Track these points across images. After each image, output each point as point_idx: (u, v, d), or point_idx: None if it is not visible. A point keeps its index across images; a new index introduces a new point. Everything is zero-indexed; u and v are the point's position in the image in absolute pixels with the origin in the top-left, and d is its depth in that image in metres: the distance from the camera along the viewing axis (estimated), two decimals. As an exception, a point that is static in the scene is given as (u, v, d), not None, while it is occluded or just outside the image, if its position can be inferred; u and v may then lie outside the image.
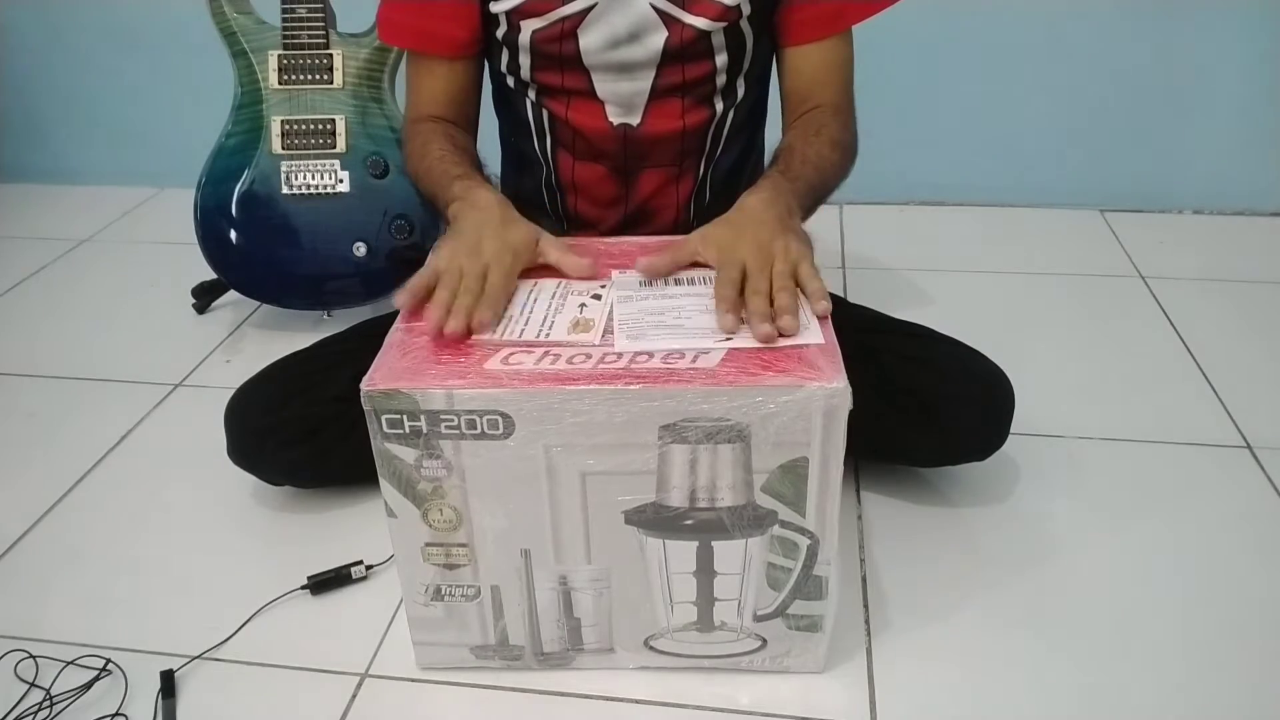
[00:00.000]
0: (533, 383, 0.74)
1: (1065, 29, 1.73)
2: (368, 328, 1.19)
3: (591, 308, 0.84)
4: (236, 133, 1.43)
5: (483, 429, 0.75)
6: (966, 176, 1.87)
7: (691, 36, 0.99)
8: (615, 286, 0.87)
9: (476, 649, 0.88)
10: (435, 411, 0.74)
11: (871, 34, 1.08)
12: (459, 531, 0.81)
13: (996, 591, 0.99)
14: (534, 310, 0.84)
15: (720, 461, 0.76)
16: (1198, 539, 1.05)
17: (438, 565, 0.83)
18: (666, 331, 0.79)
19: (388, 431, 0.76)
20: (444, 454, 0.76)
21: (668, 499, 0.78)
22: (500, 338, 0.80)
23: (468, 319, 0.80)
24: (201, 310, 1.58)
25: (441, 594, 0.85)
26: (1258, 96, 1.74)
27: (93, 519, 1.13)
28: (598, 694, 0.88)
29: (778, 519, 0.79)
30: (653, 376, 0.74)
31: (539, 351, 0.77)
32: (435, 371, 0.75)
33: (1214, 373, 1.34)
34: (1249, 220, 1.81)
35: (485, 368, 0.76)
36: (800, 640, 0.87)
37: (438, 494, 0.79)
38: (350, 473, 1.12)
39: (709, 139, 1.07)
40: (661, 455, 0.76)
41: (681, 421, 0.74)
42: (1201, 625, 0.95)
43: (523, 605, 0.85)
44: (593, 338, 0.79)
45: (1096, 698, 0.87)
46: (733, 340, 0.77)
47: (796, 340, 0.77)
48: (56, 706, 0.88)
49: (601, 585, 0.84)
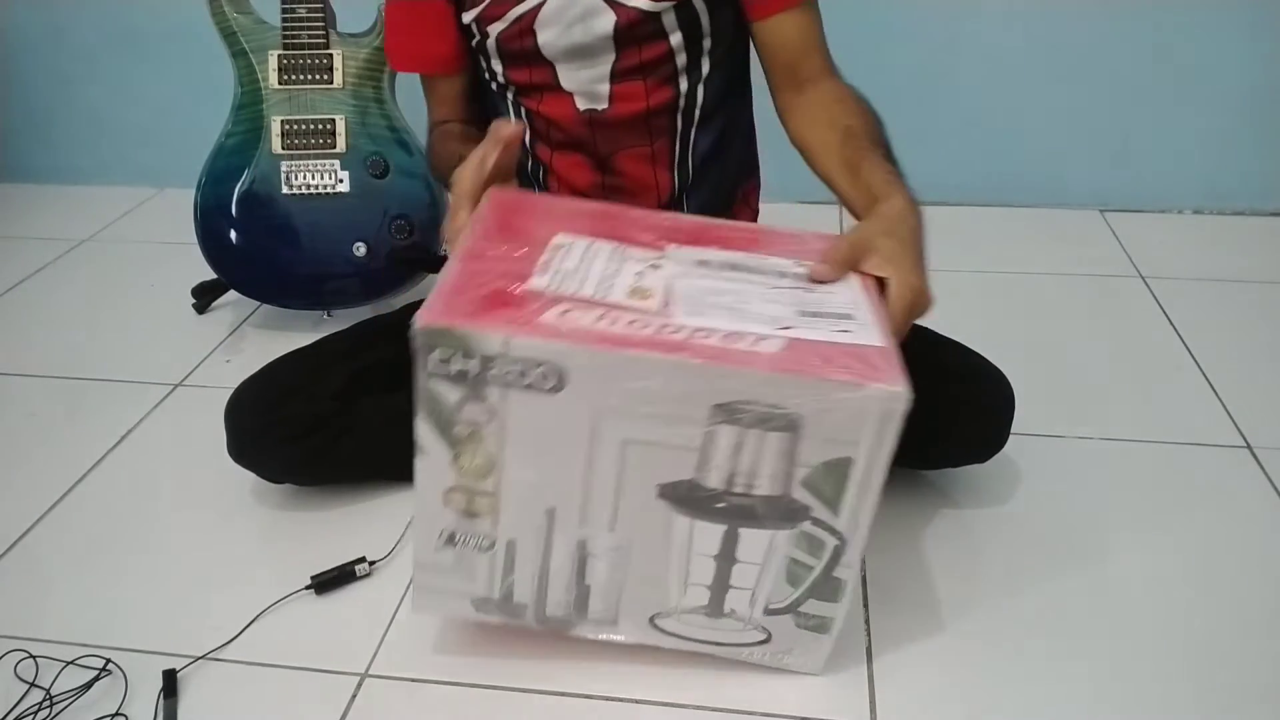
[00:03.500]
0: (592, 341, 0.71)
1: (1065, 29, 1.73)
2: (368, 327, 1.20)
3: (649, 276, 0.81)
4: (236, 133, 1.43)
5: (534, 381, 0.72)
6: (966, 176, 1.87)
7: (637, 18, 1.00)
8: (671, 260, 0.84)
9: (478, 601, 0.86)
10: (489, 356, 0.72)
11: (872, 34, 1.08)
12: (487, 480, 0.78)
13: (997, 592, 0.99)
14: (591, 269, 0.81)
15: (766, 449, 0.75)
16: (1198, 539, 1.05)
17: (457, 511, 0.80)
18: (726, 312, 0.77)
19: (435, 369, 0.73)
20: (489, 400, 0.74)
21: (705, 479, 0.77)
22: (557, 290, 0.77)
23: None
24: (201, 310, 1.58)
25: (455, 540, 0.82)
26: (1257, 96, 1.74)
27: (93, 519, 1.13)
28: (598, 694, 0.88)
29: (810, 515, 0.78)
30: (717, 354, 0.72)
31: (597, 310, 0.75)
32: (494, 315, 0.73)
33: (1214, 373, 1.34)
34: (1249, 220, 1.82)
35: (542, 319, 0.73)
36: (806, 639, 0.86)
37: (474, 439, 0.76)
38: (351, 470, 1.13)
39: (679, 117, 1.08)
40: (708, 434, 0.74)
41: (737, 402, 0.72)
42: (1202, 625, 0.95)
43: (535, 564, 0.83)
44: (652, 305, 0.77)
45: (1096, 697, 0.88)
46: (792, 330, 0.75)
47: (855, 340, 0.76)
48: (56, 706, 0.88)
49: (619, 555, 0.82)
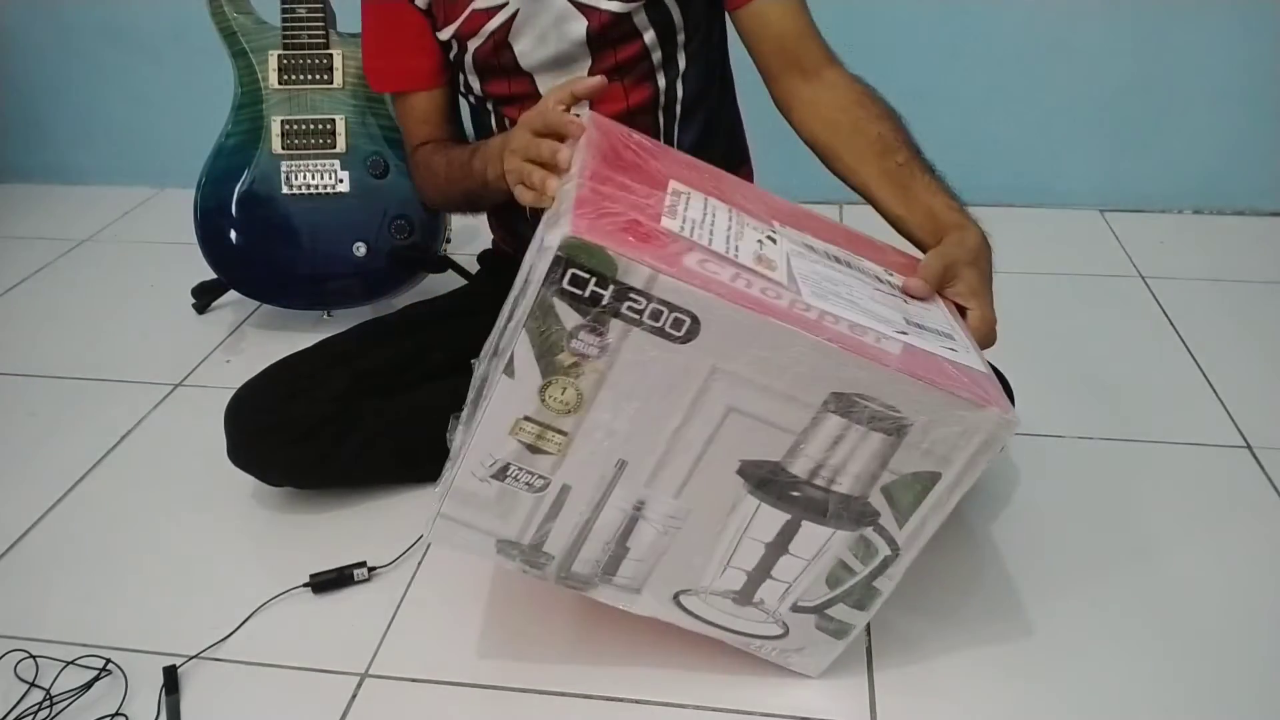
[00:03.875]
0: (736, 300, 0.68)
1: (1065, 29, 1.73)
2: (368, 327, 1.20)
3: (769, 248, 0.78)
4: (236, 133, 1.43)
5: (666, 325, 0.69)
6: (966, 176, 1.86)
7: (609, 20, 1.00)
8: (783, 237, 0.81)
9: (504, 543, 0.81)
10: (630, 287, 0.68)
11: (873, 34, 1.08)
12: (569, 418, 0.74)
13: (997, 592, 0.99)
14: (716, 224, 0.77)
15: (864, 448, 0.74)
16: (1198, 539, 1.05)
17: (523, 443, 0.75)
18: (846, 304, 0.75)
19: (566, 286, 0.68)
20: (608, 334, 0.70)
21: (791, 465, 0.75)
22: (690, 236, 0.73)
23: (548, 179, 0.79)
24: (201, 310, 1.58)
25: (506, 474, 0.77)
26: (1258, 97, 1.74)
27: (93, 519, 1.13)
28: (597, 694, 0.88)
29: (877, 521, 0.77)
30: (851, 342, 0.70)
31: (732, 269, 0.72)
32: (642, 247, 0.68)
33: (1214, 373, 1.34)
34: (1249, 220, 1.81)
35: (684, 263, 0.69)
36: (820, 642, 0.86)
37: (573, 371, 0.71)
38: (350, 473, 1.12)
39: (661, 114, 1.08)
40: (815, 420, 0.72)
41: (857, 394, 0.71)
42: (1202, 625, 0.95)
43: (583, 516, 0.79)
44: (780, 278, 0.74)
45: (1097, 698, 0.88)
46: (908, 337, 0.75)
47: (964, 361, 0.75)
48: (56, 706, 0.89)
49: (674, 524, 0.79)
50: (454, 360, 1.06)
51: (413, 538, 1.05)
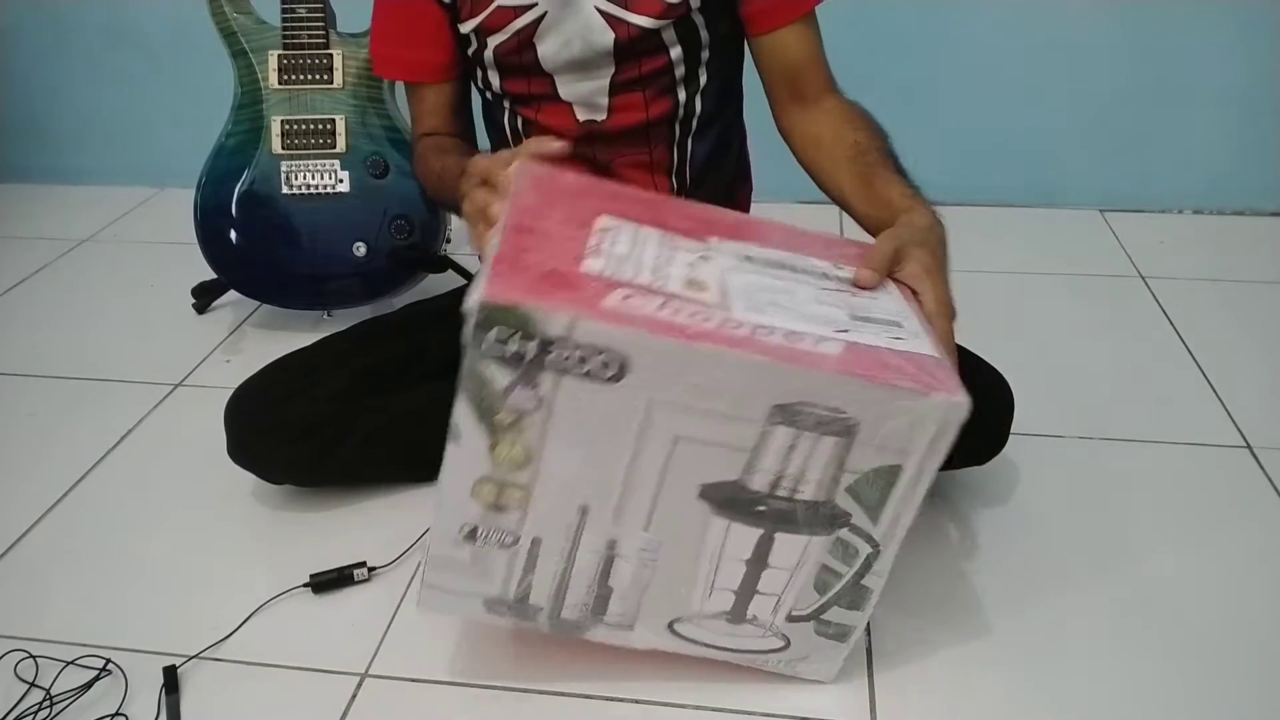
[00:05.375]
0: (661, 331, 0.69)
1: (1065, 29, 1.73)
2: (368, 327, 1.20)
3: (702, 268, 0.78)
4: (236, 133, 1.43)
5: (593, 368, 0.70)
6: (966, 176, 1.87)
7: (637, 34, 1.00)
8: (718, 253, 0.81)
9: (491, 601, 0.83)
10: (551, 338, 0.69)
11: (873, 34, 1.08)
12: (523, 472, 0.75)
13: (997, 593, 0.99)
14: (644, 255, 0.78)
15: (818, 453, 0.73)
16: (1198, 539, 1.05)
17: (485, 504, 0.76)
18: (783, 311, 0.75)
19: (489, 349, 0.69)
20: (541, 386, 0.71)
21: (750, 481, 0.75)
22: (613, 275, 0.73)
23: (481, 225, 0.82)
24: (201, 310, 1.58)
25: (477, 536, 0.78)
26: (1258, 97, 1.74)
27: (93, 519, 1.13)
28: (597, 694, 0.88)
29: (849, 522, 0.77)
30: (783, 352, 0.70)
31: (658, 299, 0.72)
32: (557, 295, 0.69)
33: (1214, 373, 1.34)
34: (1249, 220, 1.82)
35: (604, 304, 0.70)
36: (824, 648, 0.85)
37: (515, 428, 0.73)
38: (350, 471, 1.12)
39: (677, 127, 1.08)
40: (763, 434, 0.72)
41: (799, 403, 0.71)
42: (1202, 625, 0.95)
43: (559, 564, 0.80)
44: (710, 298, 0.74)
45: (1097, 699, 0.88)
46: (849, 334, 0.74)
47: (912, 348, 0.75)
48: (56, 706, 0.89)
49: (649, 556, 0.80)
50: (454, 360, 1.06)
51: (412, 538, 1.05)
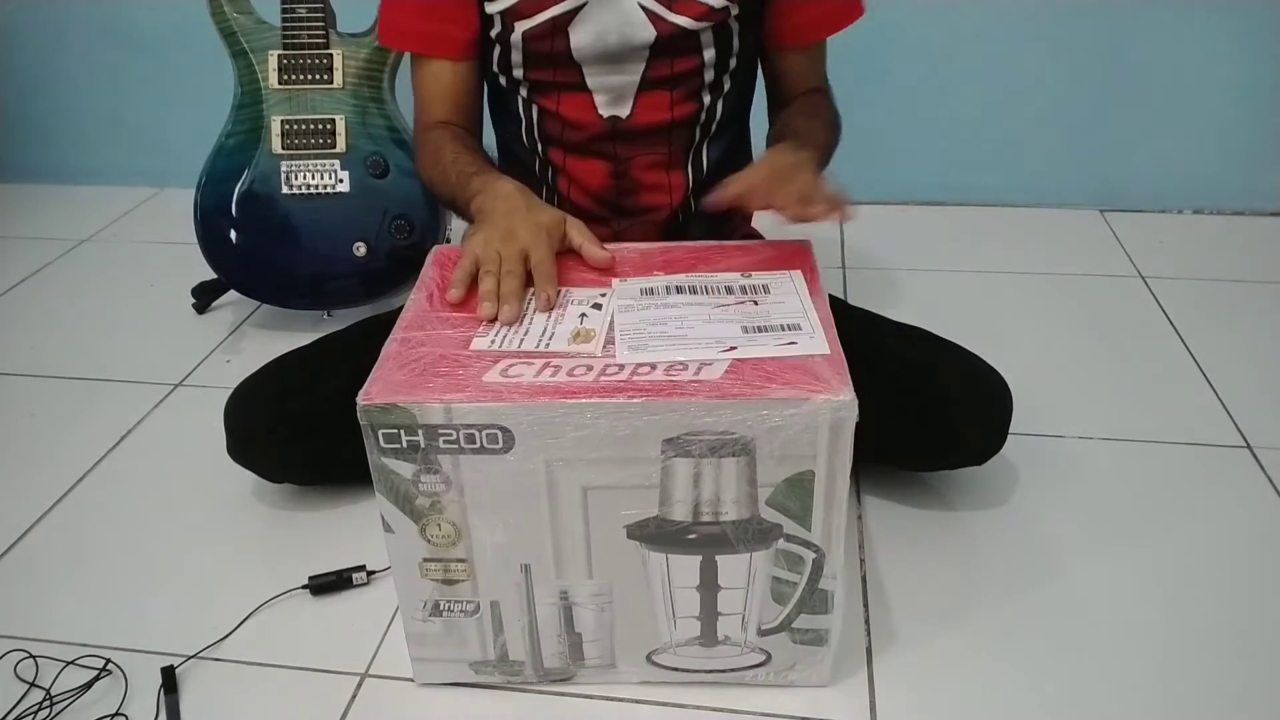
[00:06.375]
0: (533, 396, 0.72)
1: (1065, 29, 1.73)
2: (367, 327, 1.20)
3: (592, 317, 0.82)
4: (236, 133, 1.43)
5: (482, 443, 0.73)
6: (966, 176, 1.87)
7: (677, 33, 1.00)
8: (616, 295, 0.86)
9: (476, 664, 0.87)
10: (433, 426, 0.73)
11: (873, 35, 1.08)
12: (458, 547, 0.80)
13: (997, 593, 0.99)
14: (534, 320, 0.83)
15: (724, 475, 0.75)
16: (1198, 539, 1.05)
17: (436, 581, 0.82)
18: (669, 342, 0.78)
19: (385, 446, 0.74)
20: (442, 469, 0.75)
21: (670, 513, 0.77)
22: (500, 348, 0.78)
23: (518, 304, 0.83)
24: (201, 310, 1.58)
25: (440, 610, 0.83)
26: (1257, 96, 1.74)
27: (93, 519, 1.13)
28: (599, 695, 0.88)
29: (783, 533, 0.78)
30: (655, 389, 0.72)
31: (539, 363, 0.76)
32: (433, 384, 0.74)
33: (1214, 373, 1.34)
34: (1249, 220, 1.82)
35: (484, 380, 0.74)
36: (806, 654, 0.86)
37: (435, 509, 0.77)
38: (351, 470, 1.12)
39: (697, 131, 1.08)
40: (664, 469, 0.75)
41: (685, 435, 0.73)
42: (1202, 626, 0.95)
43: (523, 621, 0.84)
44: (594, 348, 0.78)
45: (1098, 700, 0.88)
46: (736, 350, 0.76)
47: (801, 351, 0.76)
48: (56, 706, 0.89)
49: (603, 600, 0.83)
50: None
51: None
